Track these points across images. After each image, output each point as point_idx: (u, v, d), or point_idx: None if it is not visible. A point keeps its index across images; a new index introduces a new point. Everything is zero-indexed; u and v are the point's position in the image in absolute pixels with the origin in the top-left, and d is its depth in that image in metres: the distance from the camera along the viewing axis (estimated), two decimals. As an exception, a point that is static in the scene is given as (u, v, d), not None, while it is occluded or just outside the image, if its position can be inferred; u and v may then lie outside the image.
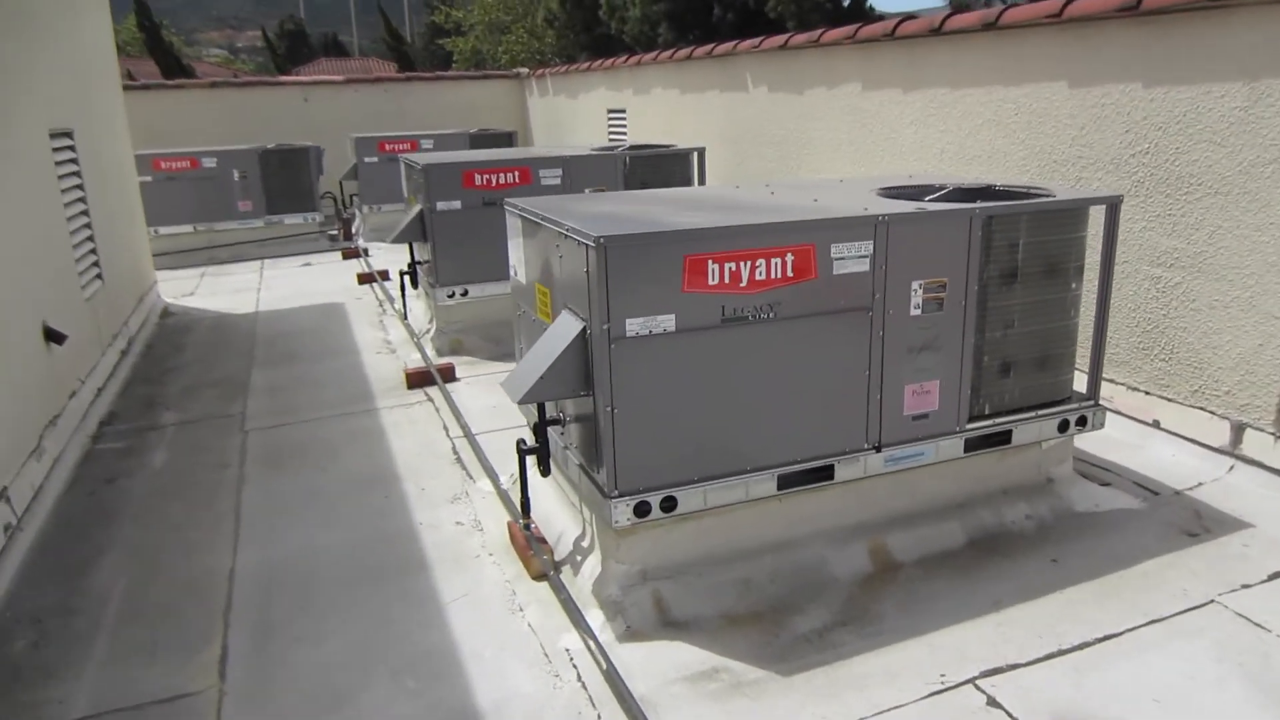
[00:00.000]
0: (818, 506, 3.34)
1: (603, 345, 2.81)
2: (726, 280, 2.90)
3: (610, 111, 10.74)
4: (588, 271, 2.83)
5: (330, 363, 6.32)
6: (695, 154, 6.67)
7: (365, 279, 8.99)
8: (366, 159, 10.97)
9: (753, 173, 7.63)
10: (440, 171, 5.96)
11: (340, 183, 11.67)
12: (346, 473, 4.46)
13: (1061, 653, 2.83)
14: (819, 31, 6.47)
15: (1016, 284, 3.42)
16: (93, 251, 6.05)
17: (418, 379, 5.66)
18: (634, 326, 2.82)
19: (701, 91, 8.39)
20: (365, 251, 10.41)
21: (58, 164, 5.53)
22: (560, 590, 3.16)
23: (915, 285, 3.21)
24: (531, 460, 3.40)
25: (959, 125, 5.33)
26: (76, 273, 5.63)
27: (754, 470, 3.11)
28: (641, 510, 2.96)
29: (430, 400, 5.44)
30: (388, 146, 10.92)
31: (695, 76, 8.51)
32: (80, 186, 5.94)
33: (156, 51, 33.06)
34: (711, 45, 7.95)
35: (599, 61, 10.97)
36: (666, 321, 2.86)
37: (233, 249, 10.52)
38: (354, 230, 11.48)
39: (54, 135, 5.52)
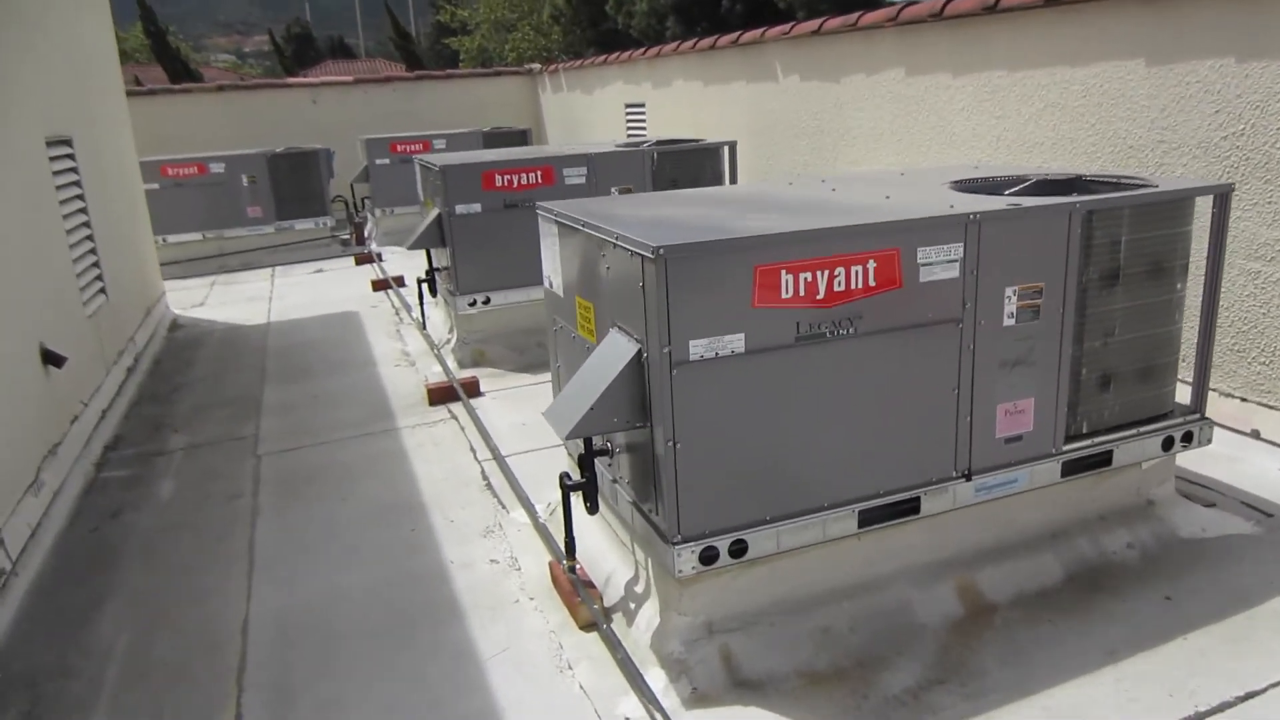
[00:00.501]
0: (899, 542, 2.97)
1: (663, 371, 2.44)
2: (802, 292, 2.52)
3: (628, 106, 10.39)
4: (643, 286, 2.46)
5: (347, 377, 5.98)
6: (726, 148, 6.30)
7: (380, 285, 8.66)
8: (378, 161, 10.65)
9: (784, 167, 7.24)
10: (459, 173, 5.60)
11: (351, 186, 11.35)
12: (368, 501, 4.12)
13: (1201, 716, 2.45)
14: (856, 15, 6.07)
15: (1118, 286, 3.03)
16: (95, 265, 5.72)
17: (440, 395, 5.31)
18: (698, 348, 2.45)
19: (726, 83, 8.00)
20: (379, 256, 10.05)
21: (56, 173, 5.20)
22: (615, 647, 2.79)
23: (1009, 292, 2.83)
24: (576, 495, 3.04)
25: (1017, 110, 4.93)
26: (78, 288, 5.30)
27: (831, 507, 2.74)
28: (708, 557, 2.60)
29: (454, 418, 5.08)
30: (399, 147, 10.61)
31: (719, 67, 8.12)
32: (81, 196, 5.61)
33: (163, 57, 32.85)
34: (737, 34, 7.56)
35: (615, 55, 10.62)
36: (735, 342, 2.49)
37: (243, 256, 10.19)
38: (366, 235, 11.15)
39: (51, 143, 5.19)
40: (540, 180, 5.76)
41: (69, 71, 5.99)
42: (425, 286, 6.33)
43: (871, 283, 2.61)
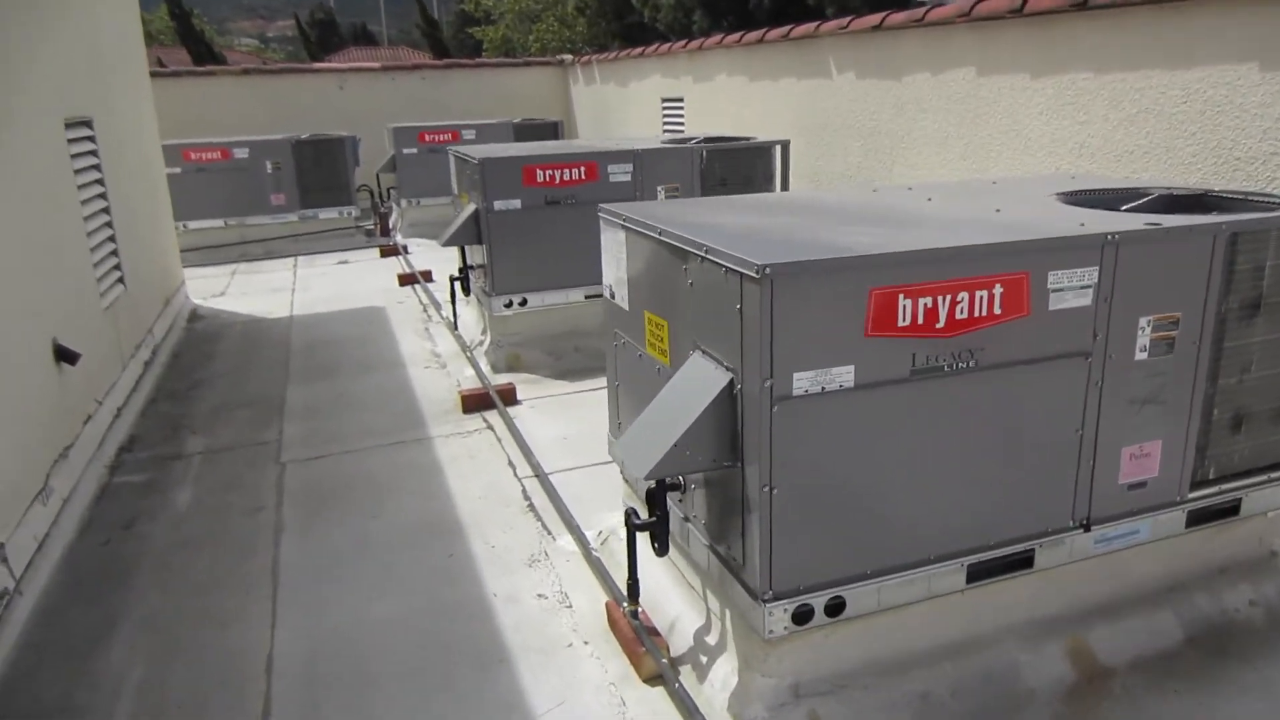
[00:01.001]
0: (1006, 598, 2.64)
1: (761, 406, 2.12)
2: (921, 320, 2.20)
3: (665, 101, 9.92)
4: (741, 308, 2.14)
5: (374, 378, 5.67)
6: (778, 148, 5.97)
7: (406, 280, 8.30)
8: (405, 150, 10.26)
9: (835, 169, 6.89)
10: (498, 167, 5.28)
11: (377, 175, 10.93)
12: (400, 520, 3.81)
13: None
14: (923, 10, 5.72)
15: (1259, 317, 2.69)
16: (114, 253, 5.44)
17: (474, 402, 5.00)
18: (803, 382, 2.13)
19: (774, 79, 7.64)
20: (405, 249, 9.67)
21: (74, 156, 4.92)
22: (690, 712, 2.47)
23: (1143, 322, 2.50)
24: (643, 534, 2.72)
25: (1105, 116, 4.58)
26: (95, 279, 5.01)
27: (937, 560, 2.42)
28: (801, 615, 2.28)
29: (490, 428, 4.77)
30: (427, 137, 10.25)
31: (766, 62, 7.75)
32: (100, 180, 5.33)
33: (188, 40, 32.63)
34: (788, 27, 7.20)
35: (653, 47, 10.16)
36: (844, 375, 2.16)
37: (265, 245, 9.91)
38: (391, 226, 10.78)
39: (70, 124, 4.91)
40: (584, 176, 5.43)
41: (89, 50, 5.70)
42: (458, 285, 6.01)
43: (997, 310, 2.28)
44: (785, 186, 6.03)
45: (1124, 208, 2.94)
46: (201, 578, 3.46)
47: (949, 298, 2.22)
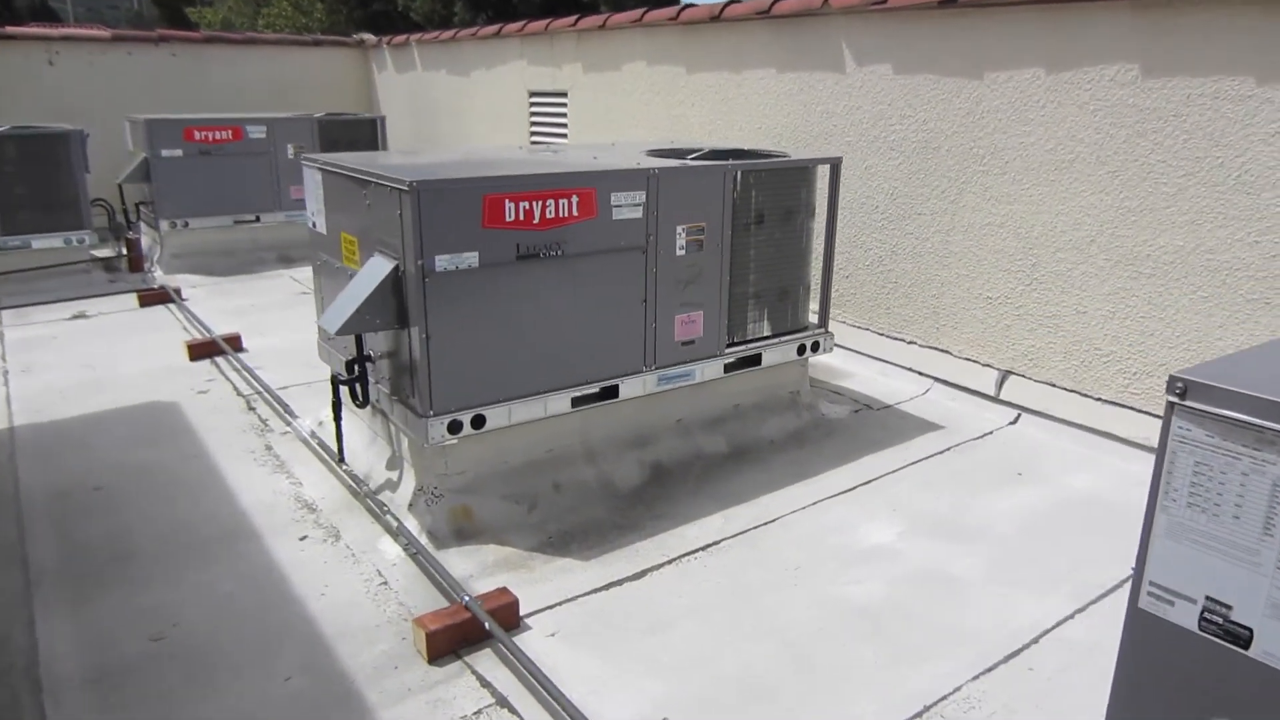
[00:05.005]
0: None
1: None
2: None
3: (535, 96, 8.31)
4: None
5: (211, 576, 3.21)
6: (826, 169, 4.44)
7: (202, 351, 5.57)
8: (164, 152, 7.66)
9: (854, 197, 5.37)
10: (443, 198, 3.19)
11: (120, 187, 8.18)
12: None
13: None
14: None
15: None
16: None
17: (448, 638, 2.79)
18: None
19: (735, 70, 6.05)
20: (178, 294, 7.03)
21: None
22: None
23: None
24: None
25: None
26: None
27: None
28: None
29: (503, 703, 2.58)
30: (198, 134, 7.79)
31: (723, 44, 6.13)
32: None
33: None
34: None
35: (517, 25, 8.29)
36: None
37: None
38: (147, 258, 8.05)
39: None
40: (575, 212, 3.50)
41: None
42: (346, 390, 3.74)
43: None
44: (834, 217, 4.48)
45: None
46: None
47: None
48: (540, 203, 3.40)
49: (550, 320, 3.55)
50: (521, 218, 3.37)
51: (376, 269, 3.35)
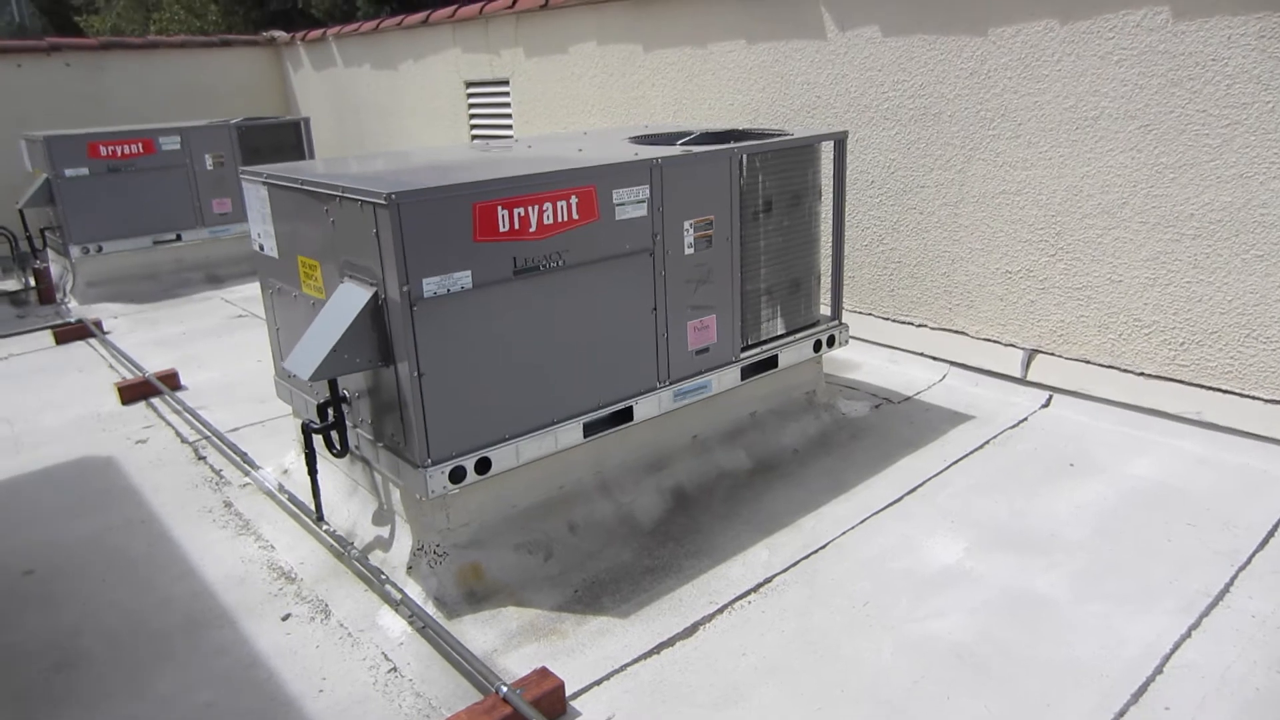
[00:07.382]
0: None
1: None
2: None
3: (472, 86, 7.85)
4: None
5: (183, 678, 2.66)
6: (830, 145, 3.96)
7: (135, 393, 4.95)
8: (68, 171, 7.11)
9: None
10: (426, 210, 2.68)
11: (21, 212, 7.57)
12: None
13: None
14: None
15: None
16: None
17: None
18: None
19: (701, 44, 5.59)
20: (99, 326, 6.39)
21: None
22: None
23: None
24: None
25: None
26: None
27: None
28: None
29: None
30: (104, 150, 7.21)
31: (686, 18, 5.65)
32: None
33: None
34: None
35: (447, 11, 7.69)
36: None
37: None
38: (59, 288, 7.49)
39: None
40: (575, 215, 3.01)
41: None
42: (321, 439, 3.18)
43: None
44: (841, 198, 4.05)
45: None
46: None
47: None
48: (536, 207, 2.91)
49: (555, 341, 3.07)
50: (517, 226, 2.88)
51: (351, 299, 2.83)
